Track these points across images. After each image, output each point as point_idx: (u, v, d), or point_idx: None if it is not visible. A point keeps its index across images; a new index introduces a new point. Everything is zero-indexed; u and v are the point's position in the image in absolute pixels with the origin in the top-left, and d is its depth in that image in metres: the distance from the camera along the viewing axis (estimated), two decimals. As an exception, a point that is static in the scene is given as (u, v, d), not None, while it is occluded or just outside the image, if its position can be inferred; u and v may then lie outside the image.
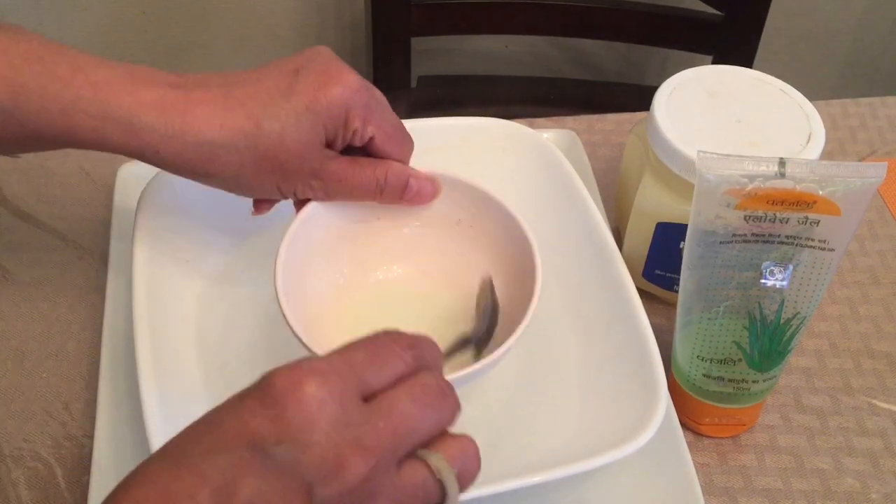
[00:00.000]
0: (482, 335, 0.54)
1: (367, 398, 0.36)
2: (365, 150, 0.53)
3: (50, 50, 0.46)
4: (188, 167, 0.48)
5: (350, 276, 0.58)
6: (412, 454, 0.36)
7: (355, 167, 0.52)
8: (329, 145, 0.51)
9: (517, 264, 0.55)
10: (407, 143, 0.54)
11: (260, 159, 0.48)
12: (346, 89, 0.49)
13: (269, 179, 0.50)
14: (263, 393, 0.34)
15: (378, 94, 0.52)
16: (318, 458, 0.33)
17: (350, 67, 0.50)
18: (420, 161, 0.57)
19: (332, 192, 0.52)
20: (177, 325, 0.55)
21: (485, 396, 0.56)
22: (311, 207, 0.54)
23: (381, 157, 0.53)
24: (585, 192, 0.60)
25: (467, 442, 0.38)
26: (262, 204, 0.54)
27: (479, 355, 0.53)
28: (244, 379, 0.36)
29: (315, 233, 0.54)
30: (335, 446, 0.33)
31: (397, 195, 0.54)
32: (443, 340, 0.56)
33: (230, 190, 0.51)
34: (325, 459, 0.33)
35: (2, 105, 0.45)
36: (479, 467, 0.38)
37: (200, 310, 0.58)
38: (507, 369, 0.57)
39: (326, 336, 0.52)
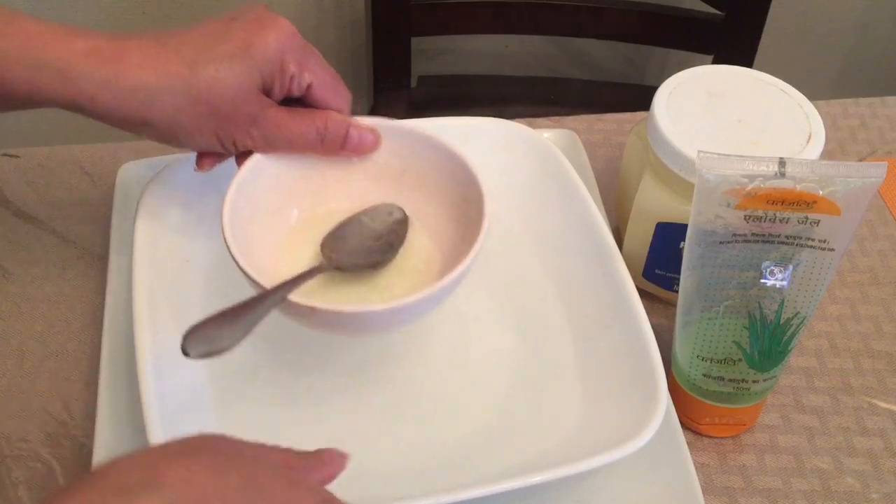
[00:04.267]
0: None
1: None
2: (304, 103, 0.53)
3: None
4: (124, 115, 0.48)
5: (300, 216, 0.56)
6: None
7: (294, 116, 0.52)
8: (267, 94, 0.51)
9: (467, 205, 0.53)
10: (345, 93, 0.53)
11: (195, 103, 0.48)
12: (281, 34, 0.50)
13: (207, 126, 0.49)
14: None
15: (312, 46, 0.52)
16: None
17: (284, 18, 0.51)
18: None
19: (271, 140, 0.52)
20: (178, 322, 0.55)
21: (484, 396, 0.56)
22: (254, 160, 0.53)
23: (321, 108, 0.53)
24: (585, 192, 0.59)
25: None
26: (204, 159, 0.53)
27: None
28: (244, 382, 0.36)
29: (261, 183, 0.53)
30: None
31: (338, 145, 0.53)
32: (399, 274, 0.54)
33: (169, 141, 0.51)
34: None
35: None
36: None
37: (202, 310, 0.58)
38: (506, 369, 0.57)
39: (280, 272, 0.51)
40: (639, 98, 0.69)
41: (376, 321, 0.49)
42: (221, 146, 0.52)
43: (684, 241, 0.51)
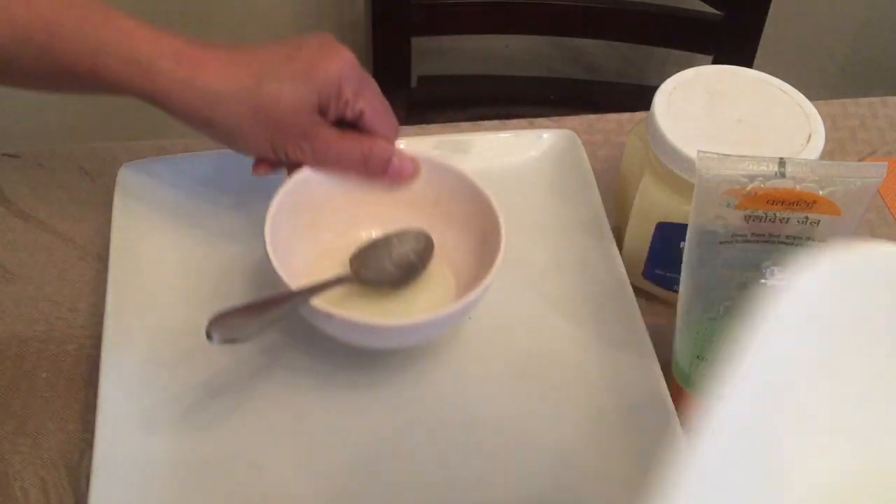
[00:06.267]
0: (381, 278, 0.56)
1: None
2: (356, 127, 0.57)
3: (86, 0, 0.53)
4: (192, 113, 0.53)
5: (336, 230, 0.59)
6: None
7: (343, 136, 0.56)
8: (322, 113, 0.55)
9: (486, 241, 0.57)
10: (393, 124, 0.58)
11: (257, 112, 0.53)
12: (342, 63, 0.55)
13: (264, 133, 0.54)
14: None
15: (369, 76, 0.56)
16: None
17: (347, 48, 0.55)
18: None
19: (319, 155, 0.56)
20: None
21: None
22: (301, 175, 0.56)
23: (370, 134, 0.57)
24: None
25: None
26: (259, 165, 0.58)
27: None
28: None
29: (304, 196, 0.57)
30: None
31: (380, 170, 0.57)
32: (422, 295, 0.57)
33: (227, 143, 0.56)
34: None
35: (40, 42, 0.51)
36: None
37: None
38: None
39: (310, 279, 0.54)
40: (639, 98, 0.69)
41: (385, 335, 0.53)
42: (274, 154, 0.56)
43: (684, 241, 0.51)
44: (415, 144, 0.68)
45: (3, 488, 0.53)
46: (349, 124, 0.57)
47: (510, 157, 0.70)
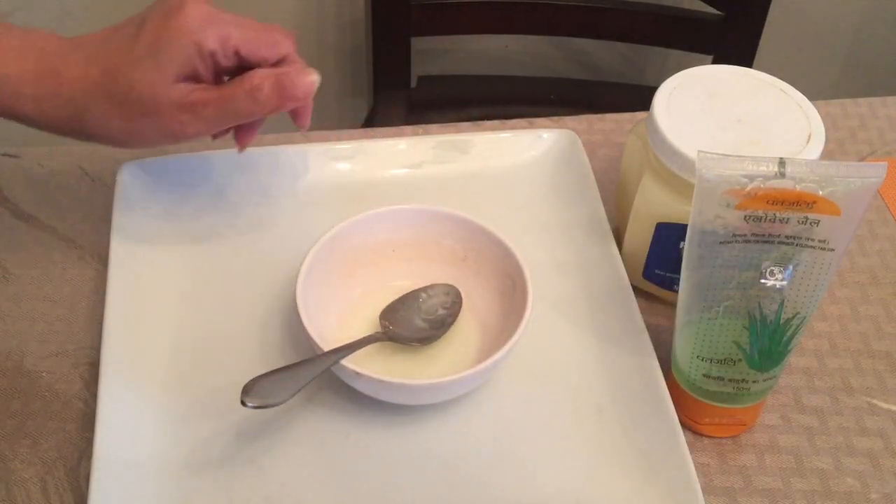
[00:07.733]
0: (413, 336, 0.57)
1: None
2: (248, 69, 0.53)
3: None
4: (62, 124, 0.52)
5: (367, 284, 0.60)
6: None
7: (219, 87, 0.52)
8: (193, 79, 0.52)
9: (513, 296, 0.57)
10: (278, 41, 0.54)
11: (118, 107, 0.51)
12: (188, 19, 0.51)
13: (138, 126, 0.52)
14: None
15: (227, 12, 0.53)
16: None
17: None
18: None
19: (208, 118, 0.52)
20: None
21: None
22: (333, 232, 0.57)
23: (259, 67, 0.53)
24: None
25: None
26: (243, 136, 0.57)
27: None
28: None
29: (335, 253, 0.58)
30: None
31: (273, 98, 0.52)
32: (450, 359, 0.58)
33: (116, 143, 0.54)
34: None
35: None
36: None
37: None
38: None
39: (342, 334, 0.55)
40: (639, 98, 0.69)
41: (412, 393, 0.54)
42: (167, 140, 0.54)
43: (684, 241, 0.51)
44: (415, 144, 0.69)
45: (3, 488, 0.53)
46: (240, 70, 0.53)
47: (510, 157, 0.70)
